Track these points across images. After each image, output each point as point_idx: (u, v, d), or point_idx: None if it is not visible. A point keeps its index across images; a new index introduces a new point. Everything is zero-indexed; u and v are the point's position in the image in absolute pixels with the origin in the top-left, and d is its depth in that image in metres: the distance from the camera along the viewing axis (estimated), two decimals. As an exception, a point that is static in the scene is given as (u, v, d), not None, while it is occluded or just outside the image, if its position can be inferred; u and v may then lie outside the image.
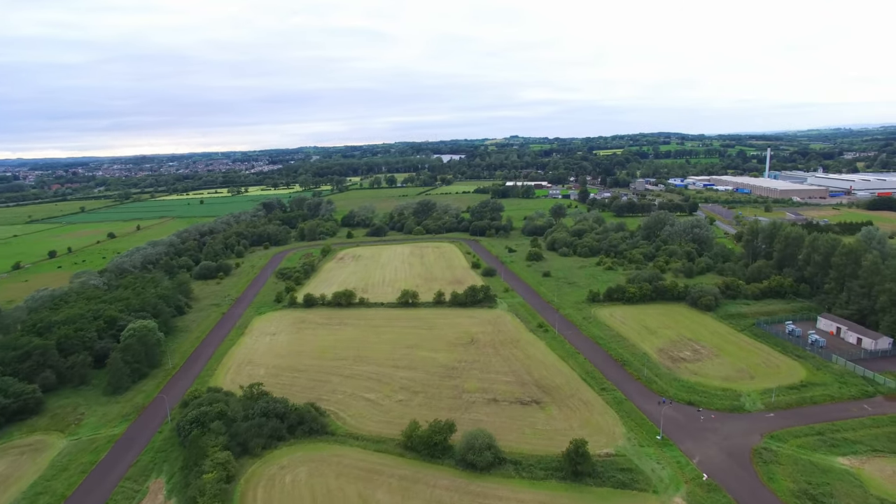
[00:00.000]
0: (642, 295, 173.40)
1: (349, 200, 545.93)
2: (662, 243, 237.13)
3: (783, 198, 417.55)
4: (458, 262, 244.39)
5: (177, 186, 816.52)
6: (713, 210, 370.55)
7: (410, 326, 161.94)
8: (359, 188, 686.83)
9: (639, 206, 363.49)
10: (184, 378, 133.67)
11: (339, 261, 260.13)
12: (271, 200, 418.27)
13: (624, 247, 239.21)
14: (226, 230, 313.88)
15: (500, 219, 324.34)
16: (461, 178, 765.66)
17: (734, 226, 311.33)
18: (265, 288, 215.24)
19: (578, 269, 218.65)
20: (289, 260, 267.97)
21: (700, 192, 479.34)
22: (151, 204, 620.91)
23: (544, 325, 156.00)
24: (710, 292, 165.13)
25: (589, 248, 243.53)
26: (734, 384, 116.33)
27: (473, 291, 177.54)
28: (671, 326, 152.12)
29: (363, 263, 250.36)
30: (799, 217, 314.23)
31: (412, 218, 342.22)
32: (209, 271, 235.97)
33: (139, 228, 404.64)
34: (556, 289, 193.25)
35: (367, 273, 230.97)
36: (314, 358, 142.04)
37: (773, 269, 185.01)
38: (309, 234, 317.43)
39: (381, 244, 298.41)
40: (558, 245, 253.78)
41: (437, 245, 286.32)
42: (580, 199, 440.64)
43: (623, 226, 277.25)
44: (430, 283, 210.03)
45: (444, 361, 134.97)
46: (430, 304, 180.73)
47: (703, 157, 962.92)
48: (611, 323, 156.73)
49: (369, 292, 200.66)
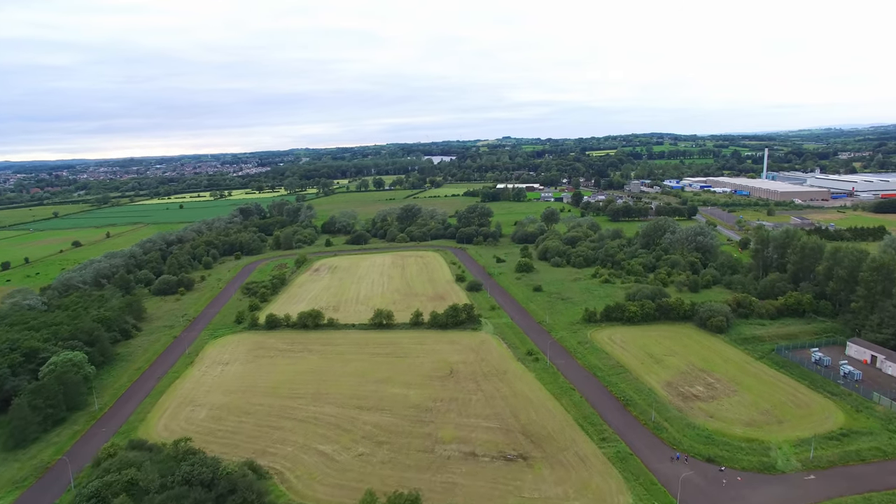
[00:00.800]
0: (644, 314, 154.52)
1: (334, 204, 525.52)
2: (663, 252, 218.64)
3: (784, 200, 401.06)
4: (441, 274, 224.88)
5: (159, 190, 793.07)
6: (713, 214, 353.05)
7: (382, 354, 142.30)
8: (346, 191, 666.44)
9: (635, 209, 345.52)
10: (110, 423, 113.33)
11: (314, 273, 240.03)
12: (249, 206, 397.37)
13: (621, 256, 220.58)
14: (195, 239, 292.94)
15: (488, 225, 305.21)
16: (451, 181, 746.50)
17: (737, 231, 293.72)
18: (227, 306, 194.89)
19: (572, 283, 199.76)
20: (260, 272, 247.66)
21: (697, 194, 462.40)
22: (129, 209, 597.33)
23: (534, 353, 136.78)
24: (720, 311, 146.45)
25: (583, 258, 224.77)
26: (760, 431, 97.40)
27: (455, 312, 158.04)
28: (678, 353, 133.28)
29: (339, 276, 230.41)
30: (805, 222, 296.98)
31: (396, 224, 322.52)
32: (169, 286, 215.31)
33: (109, 236, 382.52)
34: (549, 306, 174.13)
35: (342, 287, 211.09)
36: (267, 395, 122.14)
37: (788, 283, 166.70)
38: (284, 242, 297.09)
39: (361, 253, 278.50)
40: (550, 254, 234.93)
41: (420, 254, 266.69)
42: (573, 202, 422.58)
43: (620, 232, 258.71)
44: (410, 299, 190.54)
45: (418, 400, 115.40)
46: (406, 325, 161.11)
47: (698, 157, 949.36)
48: (610, 349, 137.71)
49: (341, 311, 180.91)
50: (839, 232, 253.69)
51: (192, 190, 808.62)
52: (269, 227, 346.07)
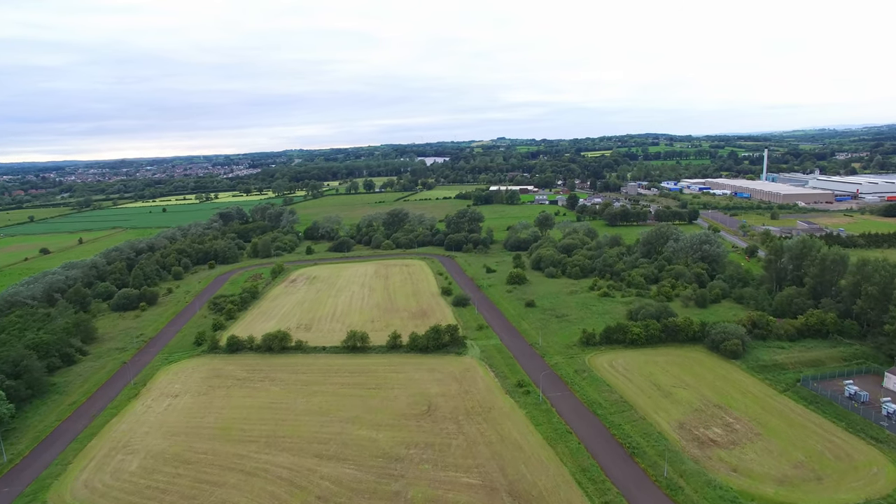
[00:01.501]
0: (649, 336, 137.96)
1: (322, 207, 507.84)
2: (666, 262, 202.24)
3: (787, 203, 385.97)
4: (426, 285, 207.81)
5: (144, 193, 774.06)
6: (714, 218, 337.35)
7: (352, 384, 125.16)
8: (335, 194, 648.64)
9: (633, 213, 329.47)
10: (18, 479, 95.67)
11: (290, 284, 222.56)
12: (230, 210, 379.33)
13: (621, 266, 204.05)
14: (166, 247, 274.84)
15: (479, 231, 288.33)
16: (444, 182, 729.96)
17: (741, 236, 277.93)
18: (190, 324, 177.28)
19: (568, 296, 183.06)
20: (232, 283, 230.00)
21: (697, 196, 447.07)
22: (110, 212, 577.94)
23: (525, 384, 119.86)
24: (734, 333, 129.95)
25: (580, 268, 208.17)
26: (797, 492, 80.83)
27: (437, 334, 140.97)
28: (690, 384, 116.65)
29: (316, 288, 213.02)
30: (812, 226, 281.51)
31: (381, 230, 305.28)
32: (129, 301, 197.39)
33: (81, 242, 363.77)
34: (542, 324, 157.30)
35: (318, 302, 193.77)
36: (215, 438, 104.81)
37: (807, 298, 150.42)
38: (263, 250, 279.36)
39: (343, 262, 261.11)
40: (545, 264, 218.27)
41: (406, 263, 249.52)
42: (569, 205, 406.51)
43: (619, 239, 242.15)
44: (390, 315, 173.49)
45: (388, 446, 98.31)
46: (382, 349, 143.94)
47: (694, 158, 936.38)
48: (611, 378, 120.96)
49: (313, 330, 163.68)
50: (852, 238, 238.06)
51: (178, 192, 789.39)
52: (249, 233, 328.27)
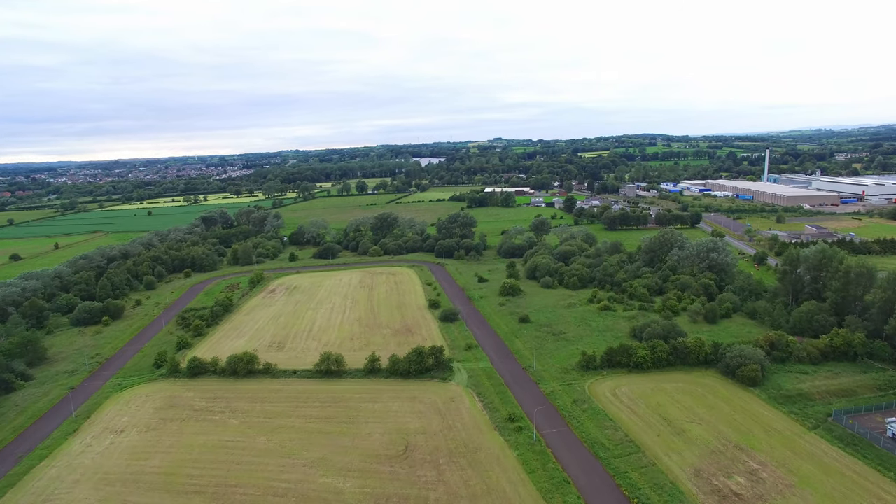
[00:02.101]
0: (656, 359, 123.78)
1: (312, 210, 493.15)
2: (671, 272, 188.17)
3: (791, 205, 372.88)
4: (413, 297, 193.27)
5: (133, 195, 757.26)
6: (717, 221, 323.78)
7: (322, 418, 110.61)
8: (327, 196, 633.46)
9: (633, 217, 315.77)
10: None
11: (268, 295, 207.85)
12: (213, 213, 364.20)
13: (622, 276, 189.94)
14: (140, 254, 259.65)
15: (471, 236, 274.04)
16: (438, 184, 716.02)
17: (747, 242, 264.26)
18: (153, 341, 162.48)
19: (566, 310, 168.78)
20: (207, 294, 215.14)
21: (698, 198, 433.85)
22: (94, 215, 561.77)
23: (518, 417, 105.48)
24: (752, 357, 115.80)
25: (578, 278, 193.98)
26: (842, 569, 66.64)
27: (420, 356, 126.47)
28: (704, 418, 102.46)
29: (295, 300, 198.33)
30: (822, 231, 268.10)
31: (369, 235, 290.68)
32: (91, 315, 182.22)
33: (57, 247, 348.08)
34: (537, 344, 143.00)
35: (295, 316, 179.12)
36: (155, 488, 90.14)
37: (829, 315, 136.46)
38: (243, 257, 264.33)
39: (327, 270, 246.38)
40: (540, 273, 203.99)
41: (393, 271, 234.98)
42: (566, 208, 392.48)
43: (619, 246, 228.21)
44: (372, 332, 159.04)
45: (354, 501, 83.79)
46: (359, 373, 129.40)
47: (692, 158, 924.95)
48: (614, 411, 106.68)
49: (287, 349, 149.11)
50: (866, 244, 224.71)
51: (167, 194, 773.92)
52: (231, 238, 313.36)
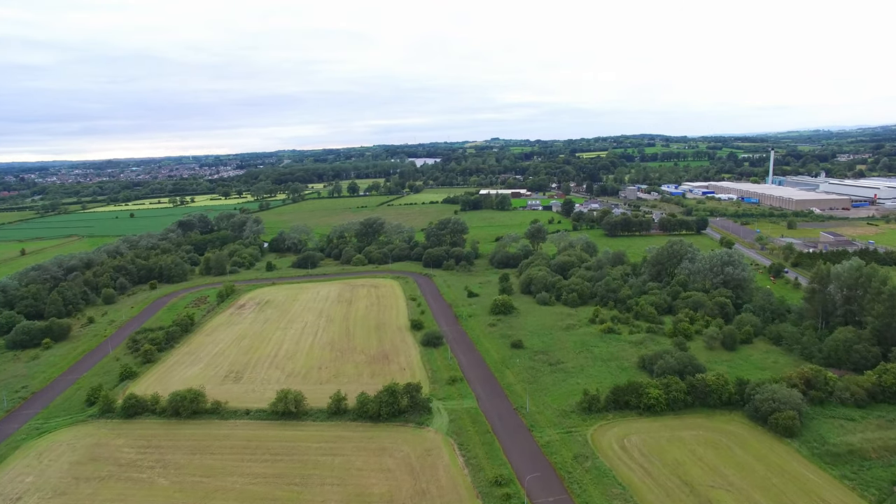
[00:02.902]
0: (671, 400, 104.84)
1: (299, 213, 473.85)
2: (681, 288, 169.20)
3: (800, 209, 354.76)
4: (394, 316, 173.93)
5: (118, 196, 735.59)
6: (724, 227, 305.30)
7: (270, 477, 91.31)
8: (317, 197, 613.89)
9: (635, 222, 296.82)
10: None
11: (237, 311, 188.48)
12: (191, 217, 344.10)
13: (627, 292, 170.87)
14: (103, 263, 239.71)
15: (462, 243, 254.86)
16: (433, 185, 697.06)
17: (759, 250, 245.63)
18: (95, 370, 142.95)
19: (564, 332, 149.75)
20: (170, 309, 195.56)
21: (701, 201, 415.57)
22: (74, 218, 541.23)
23: (506, 480, 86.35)
24: (788, 401, 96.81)
25: (578, 294, 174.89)
26: None
27: (393, 396, 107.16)
28: (734, 482, 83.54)
29: (265, 317, 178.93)
30: (839, 238, 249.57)
31: (354, 242, 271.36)
32: (30, 337, 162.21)
33: (24, 253, 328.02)
34: (531, 376, 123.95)
35: (262, 337, 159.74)
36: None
37: (871, 345, 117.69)
38: (216, 266, 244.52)
39: (305, 281, 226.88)
40: (536, 287, 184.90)
41: (376, 284, 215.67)
42: (564, 211, 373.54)
43: (622, 256, 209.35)
44: (344, 359, 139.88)
45: None
46: (322, 415, 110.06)
47: (692, 159, 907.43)
48: (624, 471, 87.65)
49: (245, 380, 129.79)
50: (891, 254, 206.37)
51: (155, 195, 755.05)
52: (208, 245, 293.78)
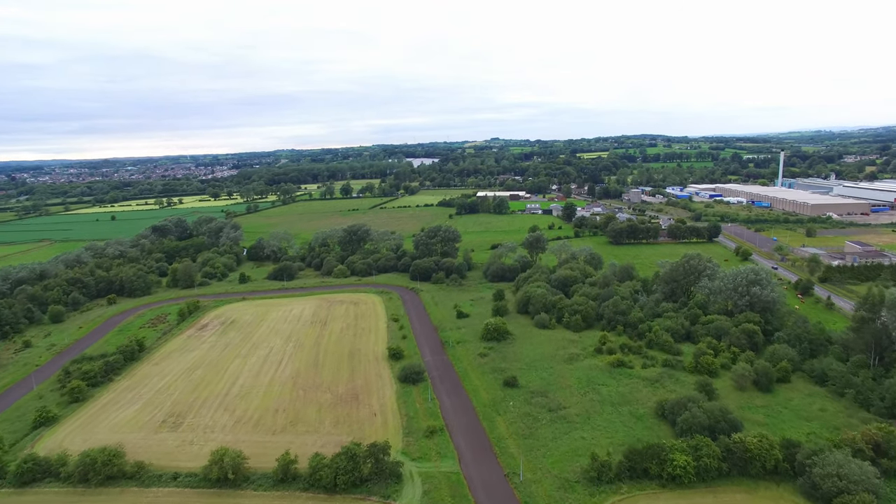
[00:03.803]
0: (701, 468, 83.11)
1: (287, 216, 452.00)
2: (700, 311, 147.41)
3: (816, 215, 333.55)
4: (372, 341, 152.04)
5: (105, 197, 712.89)
6: (739, 235, 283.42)
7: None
8: (308, 199, 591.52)
9: (642, 229, 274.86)
10: None
11: (197, 332, 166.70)
12: (167, 222, 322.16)
13: (638, 314, 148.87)
14: (57, 275, 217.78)
15: (454, 253, 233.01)
16: (429, 186, 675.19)
17: (779, 261, 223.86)
18: (7, 413, 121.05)
19: (566, 365, 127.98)
20: (121, 330, 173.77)
21: (709, 205, 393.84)
22: (53, 220, 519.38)
23: None
24: (858, 480, 75.11)
25: (582, 316, 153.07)
26: None
27: (353, 461, 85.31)
28: None
29: (226, 341, 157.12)
30: (867, 249, 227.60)
31: (337, 251, 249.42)
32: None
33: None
34: (527, 426, 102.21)
35: (217, 367, 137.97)
36: None
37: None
38: (183, 278, 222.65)
39: (279, 296, 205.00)
40: (534, 306, 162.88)
41: (356, 300, 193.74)
42: (565, 216, 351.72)
43: (630, 270, 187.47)
44: (307, 399, 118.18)
45: None
46: (267, 481, 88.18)
47: (695, 160, 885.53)
48: (649, 582, 65.86)
49: (184, 427, 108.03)
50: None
51: (144, 196, 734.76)
52: (181, 252, 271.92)
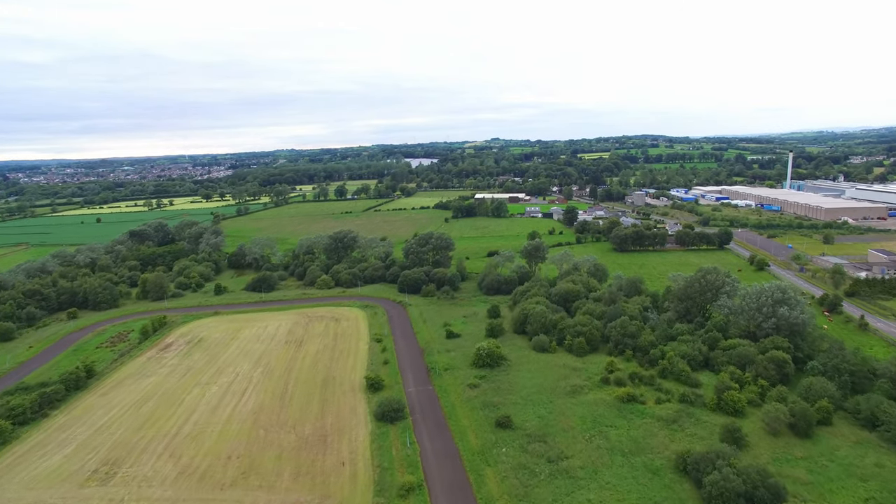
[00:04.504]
0: (741, 553, 66.23)
1: (278, 219, 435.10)
2: (719, 333, 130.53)
3: (831, 219, 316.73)
4: (349, 367, 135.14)
5: (95, 198, 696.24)
6: (751, 241, 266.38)
7: None
8: (301, 201, 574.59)
9: (648, 235, 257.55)
10: None
11: (160, 353, 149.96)
12: (146, 227, 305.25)
13: (649, 337, 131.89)
14: (15, 286, 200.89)
15: (447, 262, 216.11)
16: (427, 188, 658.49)
17: (797, 272, 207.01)
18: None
19: (569, 399, 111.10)
20: (77, 350, 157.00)
21: (717, 209, 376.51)
22: (37, 222, 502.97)
23: None
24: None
25: (586, 338, 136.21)
26: None
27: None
28: None
29: (188, 365, 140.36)
30: (893, 258, 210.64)
31: (322, 259, 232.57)
32: None
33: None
34: (522, 482, 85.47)
35: (172, 399, 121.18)
36: None
37: None
38: (153, 289, 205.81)
39: (255, 310, 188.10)
40: (533, 325, 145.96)
41: (337, 315, 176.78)
42: (566, 220, 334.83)
43: (639, 284, 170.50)
44: (267, 441, 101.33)
45: None
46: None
47: (698, 161, 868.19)
48: None
49: (116, 480, 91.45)
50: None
51: (135, 197, 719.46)
52: (157, 260, 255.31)
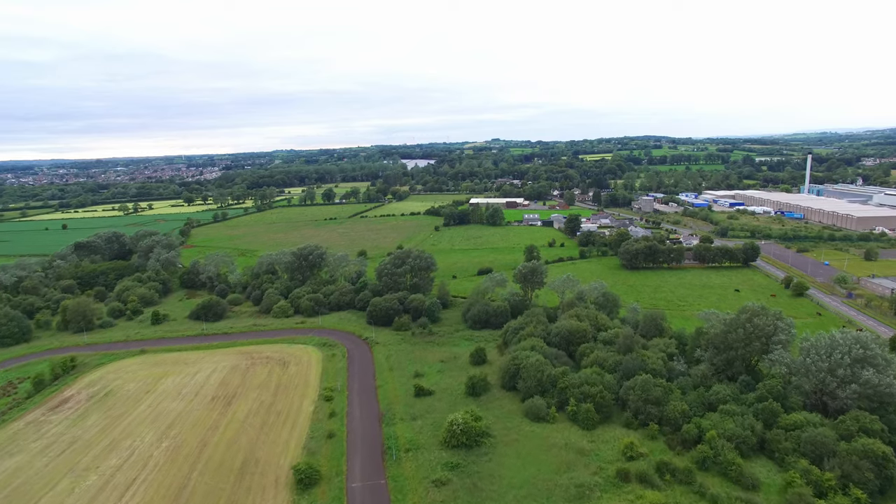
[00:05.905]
0: None
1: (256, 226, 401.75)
2: (776, 402, 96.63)
3: (863, 229, 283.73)
4: (280, 445, 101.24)
5: (72, 202, 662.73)
6: (780, 257, 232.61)
7: None
8: (286, 205, 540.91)
9: (663, 251, 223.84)
10: None
11: (48, 414, 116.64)
12: (95, 238, 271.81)
13: (681, 406, 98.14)
14: None
15: (427, 285, 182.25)
16: (421, 191, 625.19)
17: (843, 298, 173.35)
18: None
19: (574, 512, 77.43)
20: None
21: (732, 216, 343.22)
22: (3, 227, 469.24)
23: None
24: None
25: (596, 404, 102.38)
26: None
27: None
28: None
29: (74, 436, 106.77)
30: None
31: (284, 279, 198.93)
32: None
33: None
34: None
35: (26, 498, 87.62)
36: None
37: None
38: (74, 319, 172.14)
39: (190, 348, 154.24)
40: (527, 380, 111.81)
41: (287, 356, 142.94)
42: (568, 230, 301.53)
43: (660, 321, 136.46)
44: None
45: None
46: None
47: (704, 162, 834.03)
48: None
49: None
50: None
51: (118, 199, 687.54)
52: (99, 278, 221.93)
